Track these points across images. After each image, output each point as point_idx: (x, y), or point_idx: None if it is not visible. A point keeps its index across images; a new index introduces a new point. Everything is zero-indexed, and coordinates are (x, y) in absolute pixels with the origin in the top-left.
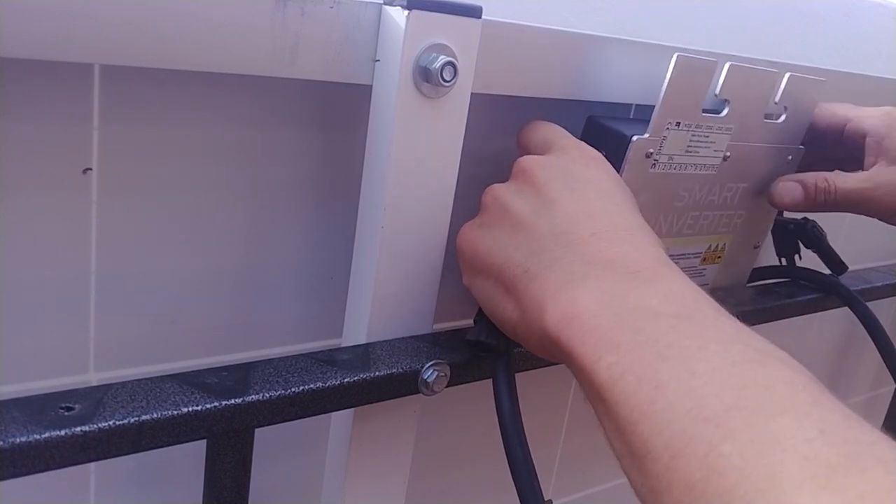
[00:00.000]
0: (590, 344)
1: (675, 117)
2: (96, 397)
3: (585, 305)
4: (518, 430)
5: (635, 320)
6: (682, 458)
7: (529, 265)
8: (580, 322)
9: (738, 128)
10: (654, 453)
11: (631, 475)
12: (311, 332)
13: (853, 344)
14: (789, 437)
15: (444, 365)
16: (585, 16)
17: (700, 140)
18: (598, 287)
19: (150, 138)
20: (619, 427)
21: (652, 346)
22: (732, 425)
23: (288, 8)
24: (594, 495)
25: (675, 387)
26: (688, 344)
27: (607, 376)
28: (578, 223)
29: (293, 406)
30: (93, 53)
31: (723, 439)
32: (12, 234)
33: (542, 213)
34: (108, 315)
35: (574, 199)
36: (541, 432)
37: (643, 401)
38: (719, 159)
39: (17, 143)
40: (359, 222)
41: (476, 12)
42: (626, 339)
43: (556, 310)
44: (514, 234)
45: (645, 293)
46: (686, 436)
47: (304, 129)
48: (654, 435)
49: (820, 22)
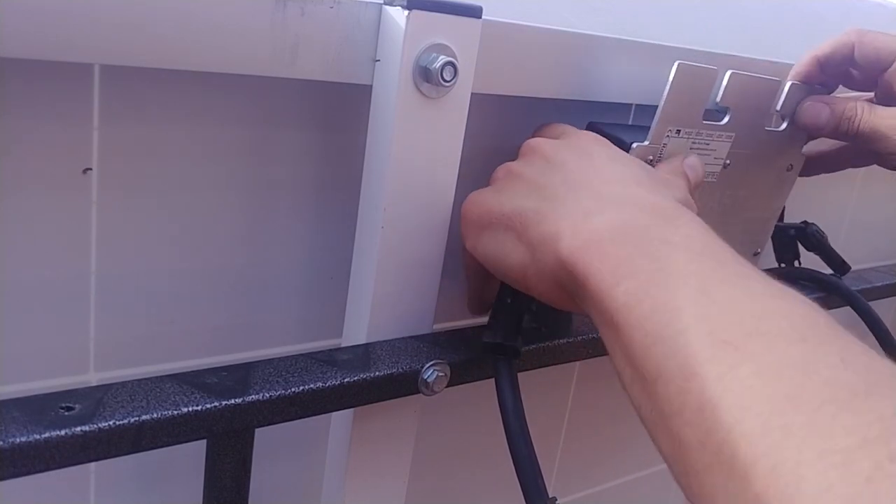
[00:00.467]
0: (607, 270)
1: (675, 125)
2: (96, 397)
3: (605, 232)
4: (522, 426)
5: (655, 251)
6: (697, 380)
7: (542, 207)
8: (598, 248)
9: (738, 135)
10: (666, 375)
11: (641, 403)
12: (311, 332)
13: None
14: (810, 362)
15: (444, 365)
16: (585, 16)
17: (700, 147)
18: (618, 218)
19: (150, 138)
20: (632, 353)
21: (671, 276)
22: (752, 349)
23: (288, 8)
24: (594, 495)
25: (694, 312)
26: (708, 276)
27: (623, 301)
28: (590, 174)
29: (293, 406)
30: (93, 53)
31: (741, 361)
32: (12, 234)
33: (553, 172)
34: (108, 315)
35: (582, 158)
36: (541, 432)
37: (659, 324)
38: (719, 167)
39: (17, 143)
40: (359, 222)
41: (476, 12)
42: (645, 267)
43: (574, 237)
44: (526, 188)
45: (665, 230)
46: (702, 357)
47: (304, 129)
48: (668, 357)
49: (820, 22)
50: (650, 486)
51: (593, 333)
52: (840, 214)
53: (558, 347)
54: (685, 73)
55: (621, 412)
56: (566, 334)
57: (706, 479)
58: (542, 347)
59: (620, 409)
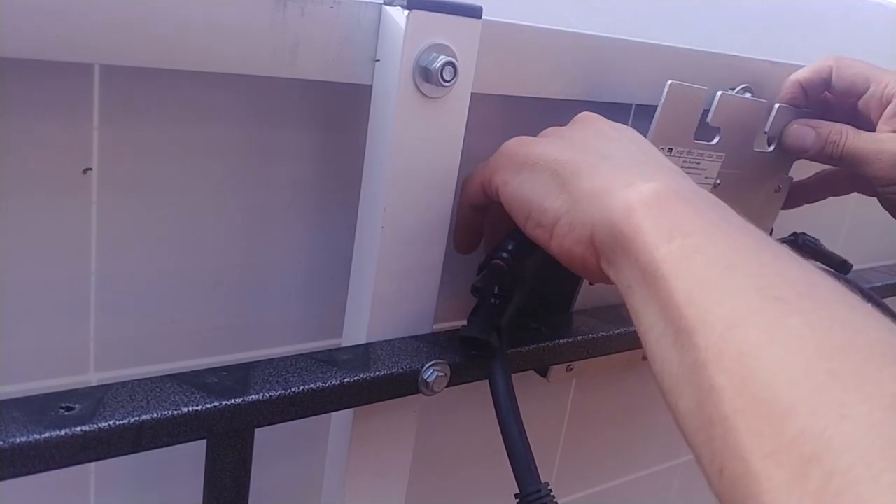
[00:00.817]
0: (665, 225)
1: (667, 143)
2: (96, 397)
3: (665, 193)
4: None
5: (714, 218)
6: (741, 328)
7: (598, 162)
8: (657, 205)
9: (728, 156)
10: (709, 323)
11: (667, 358)
12: (311, 332)
13: None
14: (861, 324)
15: (444, 365)
16: (585, 16)
17: (691, 166)
18: (677, 185)
19: (150, 138)
20: (673, 303)
21: (726, 240)
22: (803, 306)
23: (288, 8)
24: (594, 495)
25: (747, 270)
26: (763, 247)
27: (677, 254)
28: (647, 150)
29: (293, 406)
30: (93, 53)
31: (791, 314)
32: (12, 234)
33: (609, 141)
34: (108, 315)
35: (638, 143)
36: (541, 432)
37: (710, 275)
38: (710, 186)
39: (17, 143)
40: (359, 222)
41: (476, 12)
42: (703, 229)
43: (631, 193)
44: (581, 145)
45: (721, 208)
46: (750, 308)
47: (304, 129)
48: (714, 306)
49: (820, 22)
50: (650, 486)
51: (593, 334)
52: (840, 214)
53: (558, 347)
54: (677, 93)
55: (621, 412)
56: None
57: (737, 423)
58: (542, 347)
59: (620, 409)
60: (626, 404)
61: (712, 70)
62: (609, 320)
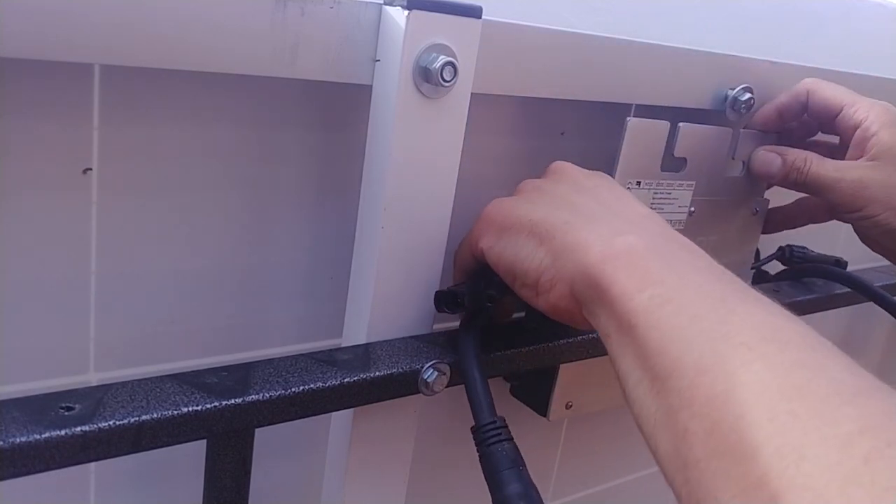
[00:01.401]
0: (635, 277)
1: (634, 177)
2: (96, 397)
3: (635, 246)
4: (472, 348)
5: (682, 268)
6: (709, 375)
7: (571, 219)
8: (627, 258)
9: (699, 184)
10: (679, 371)
11: (645, 404)
12: (311, 332)
13: (853, 344)
14: (820, 365)
15: (444, 365)
16: (585, 16)
17: (663, 197)
18: (648, 237)
19: (150, 138)
20: (646, 352)
21: (695, 289)
22: (766, 350)
23: (288, 8)
24: (594, 495)
25: (714, 318)
26: (730, 293)
27: (647, 304)
28: (620, 201)
29: (293, 406)
30: (93, 53)
31: (754, 360)
32: (12, 234)
33: (584, 194)
34: (108, 315)
35: (612, 189)
36: (541, 432)
37: (678, 325)
38: (685, 214)
39: (17, 143)
40: (359, 222)
41: (476, 12)
42: (672, 280)
43: (603, 248)
44: (556, 201)
45: (691, 255)
46: (717, 355)
47: (304, 129)
48: (683, 354)
49: (820, 22)
50: (650, 486)
51: (593, 333)
52: None
53: (558, 347)
54: (637, 129)
55: (621, 412)
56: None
57: (710, 465)
58: (542, 347)
59: (620, 409)
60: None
61: (712, 70)
62: None
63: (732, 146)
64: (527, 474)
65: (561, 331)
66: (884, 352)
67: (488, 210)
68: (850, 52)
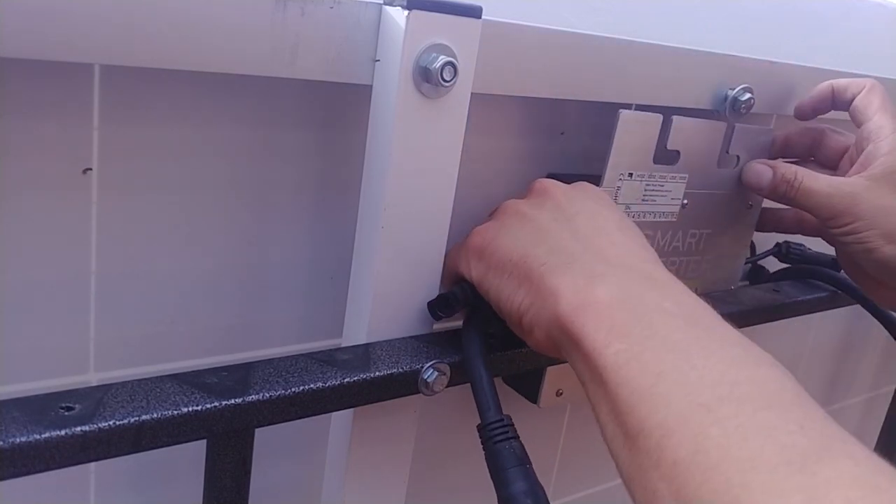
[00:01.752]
0: (602, 331)
1: (626, 168)
2: (96, 397)
3: (602, 297)
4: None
5: (648, 316)
6: (674, 437)
7: (548, 259)
8: (595, 310)
9: (692, 176)
10: (647, 431)
11: (620, 456)
12: (311, 332)
13: (853, 344)
14: (772, 427)
15: (444, 365)
16: (585, 16)
17: (655, 189)
18: (616, 284)
19: (150, 138)
20: (617, 409)
21: (660, 342)
22: (723, 412)
23: (288, 8)
24: (594, 495)
25: (676, 377)
26: (692, 342)
27: (613, 361)
28: (598, 233)
29: (293, 406)
30: (93, 53)
31: (712, 423)
32: (12, 234)
33: (563, 222)
34: (108, 315)
35: (593, 217)
36: (541, 432)
37: (643, 385)
38: (678, 207)
39: (17, 143)
40: (359, 222)
41: (476, 12)
42: (637, 332)
43: (574, 298)
44: (534, 235)
45: (659, 295)
46: (680, 417)
47: (305, 129)
48: (650, 415)
49: (820, 22)
50: None
51: None
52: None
53: None
54: (629, 121)
55: None
56: None
57: None
58: None
59: None
60: None
61: (712, 70)
62: None
63: (727, 140)
64: (533, 473)
65: None
66: (884, 352)
67: (472, 241)
68: (850, 52)
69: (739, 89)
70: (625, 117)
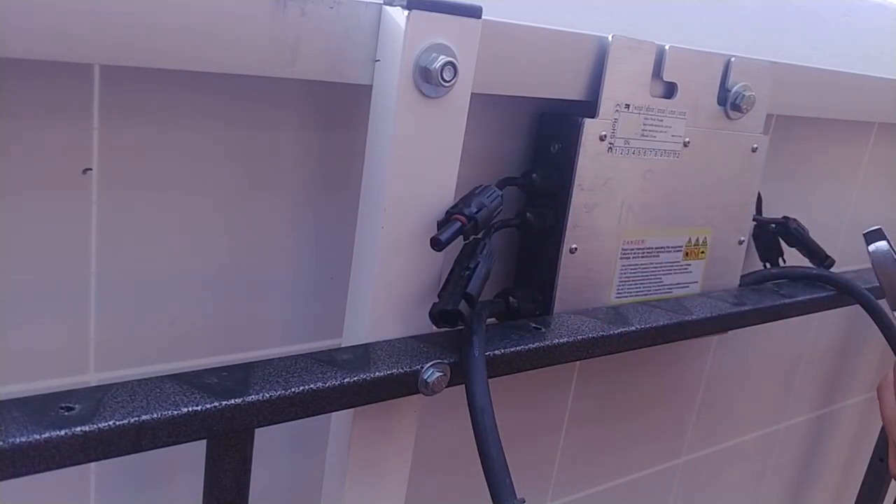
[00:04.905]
0: None
1: (622, 99)
2: (96, 397)
3: None
4: (491, 424)
5: None
6: None
7: None
8: None
9: (692, 113)
10: None
11: None
12: (311, 332)
13: (853, 344)
14: None
15: (444, 365)
16: (585, 16)
17: (654, 124)
18: None
19: (150, 138)
20: None
21: None
22: None
23: (288, 8)
24: (594, 495)
25: None
26: None
27: None
28: None
29: (293, 406)
30: (93, 53)
31: None
32: (12, 234)
33: None
34: (108, 315)
35: None
36: (541, 433)
37: None
38: (679, 145)
39: (17, 143)
40: (359, 222)
41: (476, 12)
42: None
43: None
44: None
45: None
46: None
47: (304, 129)
48: None
49: (820, 22)
50: (650, 486)
51: (593, 333)
52: (840, 214)
53: (558, 347)
54: (622, 47)
55: (621, 412)
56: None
57: None
58: (542, 348)
59: (620, 409)
60: (625, 404)
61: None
62: (609, 320)
63: (726, 73)
64: None
65: (561, 331)
66: (884, 352)
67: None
68: (850, 52)
69: (739, 87)
70: (617, 42)
